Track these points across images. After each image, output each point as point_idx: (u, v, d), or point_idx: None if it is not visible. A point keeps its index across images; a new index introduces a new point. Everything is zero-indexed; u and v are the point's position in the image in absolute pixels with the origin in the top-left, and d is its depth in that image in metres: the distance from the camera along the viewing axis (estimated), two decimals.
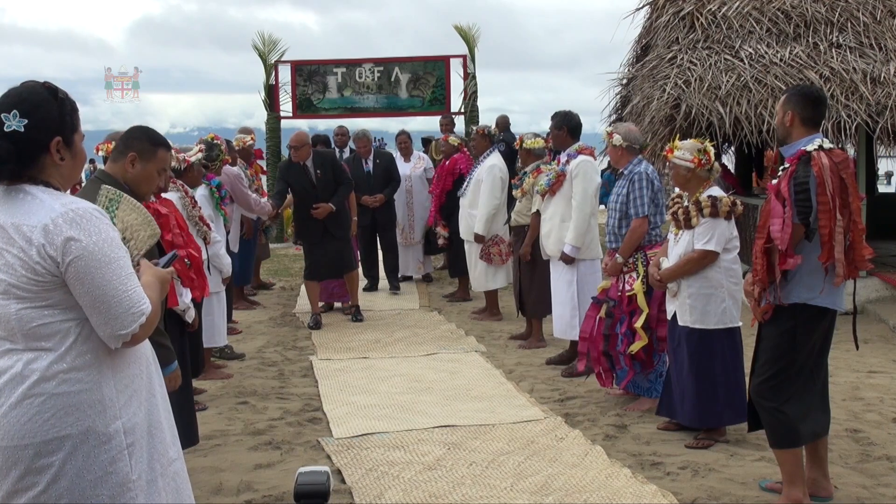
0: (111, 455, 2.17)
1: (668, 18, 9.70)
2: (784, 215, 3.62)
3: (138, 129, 3.43)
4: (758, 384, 3.88)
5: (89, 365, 2.16)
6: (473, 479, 4.28)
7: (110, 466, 2.17)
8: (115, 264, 2.14)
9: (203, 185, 6.12)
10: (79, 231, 2.10)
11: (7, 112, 2.13)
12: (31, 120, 2.14)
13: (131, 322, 2.14)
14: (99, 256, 2.11)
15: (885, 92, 8.18)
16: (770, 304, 3.77)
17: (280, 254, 12.57)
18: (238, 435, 5.00)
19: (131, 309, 2.14)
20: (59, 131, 2.19)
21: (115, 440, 2.18)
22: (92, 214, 2.15)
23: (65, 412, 2.13)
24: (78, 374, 2.15)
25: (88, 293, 2.11)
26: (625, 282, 5.41)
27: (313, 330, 7.88)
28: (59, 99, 2.21)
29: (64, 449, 2.13)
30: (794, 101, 3.81)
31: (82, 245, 2.10)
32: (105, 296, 2.12)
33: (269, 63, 14.20)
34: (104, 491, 2.16)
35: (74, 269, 2.10)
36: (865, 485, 4.14)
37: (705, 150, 4.66)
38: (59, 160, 2.20)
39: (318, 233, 7.96)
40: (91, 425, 2.15)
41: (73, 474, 2.13)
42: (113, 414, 2.18)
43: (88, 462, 2.15)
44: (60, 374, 2.13)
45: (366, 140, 9.48)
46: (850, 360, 6.44)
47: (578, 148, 6.33)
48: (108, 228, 2.17)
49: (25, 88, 2.21)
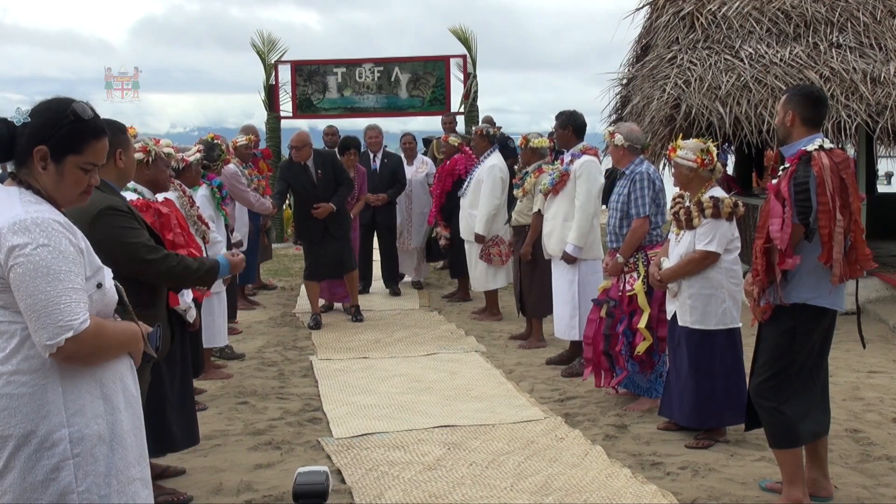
0: (53, 462, 2.18)
1: (668, 18, 9.70)
2: (784, 215, 3.62)
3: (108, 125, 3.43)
4: (757, 384, 3.88)
5: (35, 370, 2.18)
6: (473, 479, 4.28)
7: (52, 473, 2.17)
8: (55, 276, 2.14)
9: (205, 186, 6.12)
10: (26, 238, 2.14)
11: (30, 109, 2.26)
12: (32, 121, 2.24)
13: (57, 334, 2.12)
14: (40, 265, 2.13)
15: (885, 92, 8.18)
16: (769, 303, 3.78)
17: (280, 254, 12.57)
18: (238, 435, 5.00)
19: (59, 321, 2.13)
20: (49, 143, 2.24)
21: (60, 447, 2.18)
22: (49, 225, 2.17)
23: (8, 413, 2.16)
24: (23, 378, 2.17)
25: (23, 300, 2.14)
26: (625, 282, 5.41)
27: (313, 330, 7.88)
28: (73, 119, 2.26)
29: (6, 448, 2.16)
30: (794, 101, 3.81)
31: (25, 253, 2.13)
32: (37, 304, 2.12)
33: (268, 63, 14.20)
34: (45, 497, 2.17)
35: (14, 275, 2.14)
36: (865, 485, 4.14)
37: (708, 150, 4.66)
38: (41, 168, 2.24)
39: (318, 233, 7.96)
40: (33, 429, 2.17)
41: (16, 475, 2.16)
42: (59, 421, 2.19)
43: (29, 465, 2.16)
44: (5, 374, 2.17)
45: (377, 131, 9.49)
46: (850, 360, 6.44)
47: (583, 148, 6.33)
48: (63, 241, 2.18)
49: (55, 99, 2.31)
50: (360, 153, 9.03)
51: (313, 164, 7.96)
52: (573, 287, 6.28)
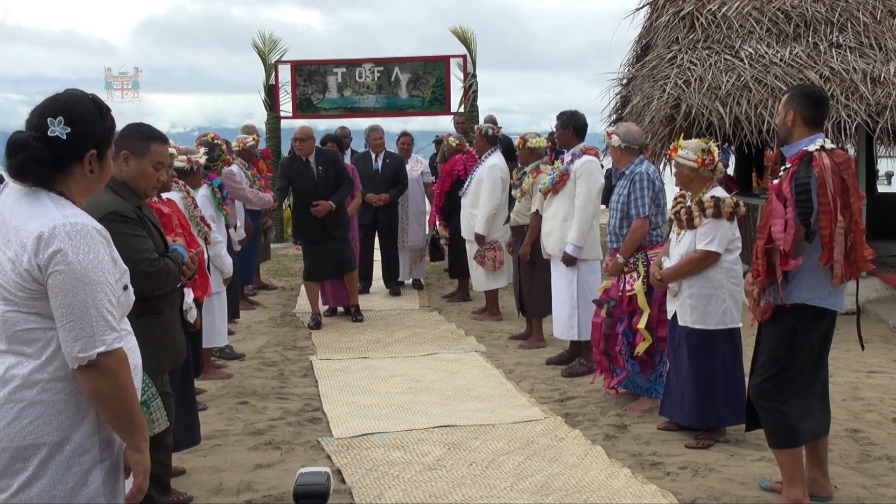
0: (85, 467, 2.18)
1: (668, 18, 9.70)
2: (786, 216, 3.62)
3: (129, 126, 3.43)
4: (757, 384, 3.88)
5: (71, 377, 2.15)
6: (473, 479, 4.28)
7: (82, 479, 2.17)
8: (95, 287, 2.11)
9: (205, 186, 6.12)
10: (68, 245, 2.09)
11: (53, 117, 2.16)
12: (74, 129, 2.17)
13: (90, 347, 2.09)
14: (80, 275, 2.09)
15: (885, 92, 8.18)
16: (770, 304, 3.77)
17: (280, 254, 12.58)
18: (238, 435, 5.00)
19: (94, 335, 2.10)
20: (96, 145, 2.23)
21: (92, 453, 2.19)
22: (89, 232, 2.14)
23: (43, 420, 2.13)
24: (59, 385, 2.15)
25: (60, 308, 2.10)
26: (625, 282, 5.41)
27: (313, 330, 7.88)
28: (104, 114, 2.26)
29: (38, 456, 2.13)
30: (796, 100, 3.80)
31: (67, 260, 2.09)
32: (73, 315, 2.09)
33: (269, 63, 14.21)
34: (75, 502, 2.16)
35: (53, 282, 2.09)
36: (865, 485, 4.14)
37: (709, 150, 4.66)
38: (89, 172, 2.23)
39: (317, 232, 7.94)
40: (68, 436, 2.16)
41: (46, 482, 2.14)
42: (91, 427, 2.19)
43: (60, 472, 2.15)
44: (42, 382, 2.14)
45: (379, 132, 9.47)
46: (850, 360, 6.44)
47: (583, 148, 6.33)
48: (101, 250, 2.15)
49: (72, 97, 2.25)
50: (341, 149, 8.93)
51: (315, 160, 7.94)
52: (572, 287, 6.28)
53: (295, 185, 8.06)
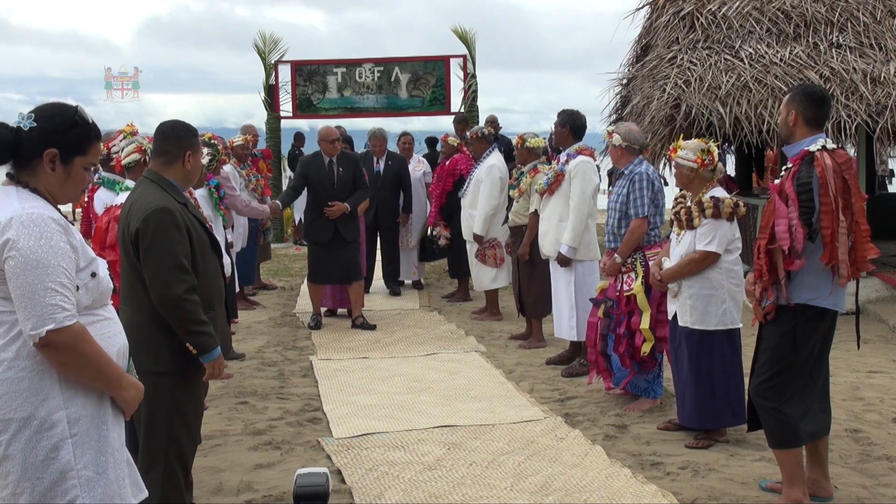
0: (53, 442, 2.32)
1: (668, 18, 9.70)
2: (790, 216, 3.61)
3: (179, 127, 3.51)
4: (757, 384, 3.88)
5: (34, 355, 2.31)
6: (473, 479, 4.28)
7: (52, 452, 2.31)
8: (44, 270, 2.26)
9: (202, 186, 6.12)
10: (20, 233, 2.26)
11: (28, 113, 2.37)
12: (39, 125, 2.36)
13: (40, 325, 2.24)
14: (31, 259, 2.25)
15: (885, 92, 8.18)
16: (773, 304, 3.77)
17: (280, 254, 12.58)
18: (238, 435, 5.00)
19: (44, 314, 2.25)
20: (57, 145, 2.38)
21: (58, 428, 2.32)
22: (43, 220, 2.29)
23: (9, 397, 2.30)
24: (22, 363, 2.30)
25: (14, 290, 2.27)
26: (623, 282, 5.41)
27: (313, 330, 7.87)
28: (80, 123, 2.42)
29: (9, 431, 2.30)
30: (797, 100, 3.80)
31: (18, 246, 2.25)
32: (24, 296, 2.25)
33: (269, 63, 14.20)
34: (46, 475, 2.31)
35: (7, 267, 2.27)
36: (865, 485, 4.14)
37: (709, 151, 4.66)
38: (50, 170, 2.39)
39: (328, 234, 7.76)
40: (33, 412, 2.31)
41: (19, 455, 2.30)
42: (56, 403, 2.33)
43: (30, 446, 2.30)
44: (6, 361, 2.30)
45: (381, 139, 9.40)
46: (850, 360, 6.44)
47: (578, 148, 6.32)
48: (56, 236, 2.30)
49: (56, 104, 2.46)
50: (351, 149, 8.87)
51: (337, 161, 7.82)
52: (570, 288, 6.28)
53: (312, 184, 7.84)
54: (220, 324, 3.54)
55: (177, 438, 3.36)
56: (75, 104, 2.47)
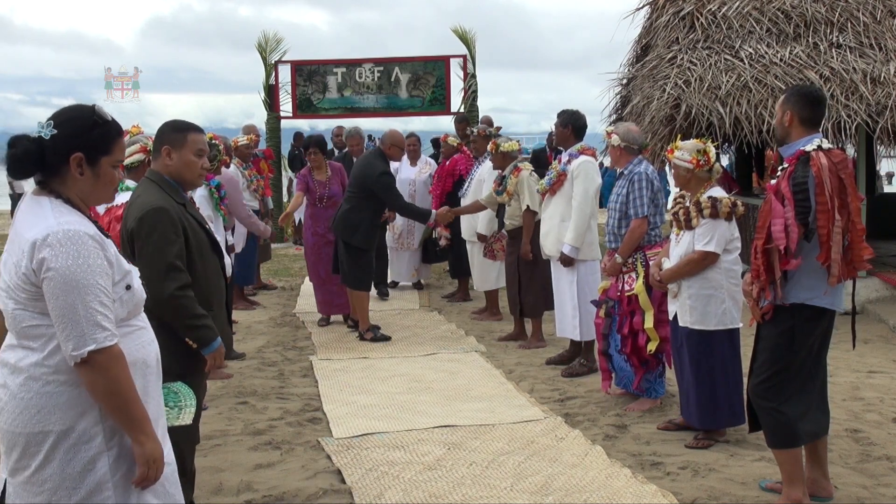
0: (90, 455, 2.33)
1: (668, 18, 9.70)
2: (786, 216, 3.62)
3: (164, 123, 3.56)
4: (756, 384, 3.88)
5: (71, 370, 2.30)
6: (473, 479, 4.28)
7: (89, 465, 2.33)
8: (83, 290, 2.25)
9: (203, 186, 6.11)
10: (55, 252, 2.24)
11: (47, 121, 2.35)
12: (60, 131, 2.33)
13: (82, 346, 2.24)
14: (67, 279, 2.24)
15: (885, 92, 8.18)
16: (770, 304, 3.77)
17: (280, 254, 12.58)
18: (238, 435, 5.01)
19: (86, 334, 2.25)
20: (83, 149, 2.36)
21: (96, 441, 2.33)
22: (80, 237, 2.27)
23: (48, 411, 2.30)
24: (61, 377, 2.31)
25: (53, 310, 2.26)
26: (624, 282, 5.41)
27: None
28: (100, 123, 2.39)
29: (47, 442, 2.31)
30: (793, 100, 3.81)
31: (55, 266, 2.24)
32: (65, 316, 2.25)
33: (269, 63, 14.21)
34: (82, 486, 2.32)
35: (46, 287, 2.26)
36: (865, 485, 4.14)
37: (705, 151, 4.66)
38: (79, 174, 2.37)
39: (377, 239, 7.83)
40: (72, 425, 2.31)
41: (56, 466, 2.31)
42: (94, 417, 2.33)
43: (68, 458, 2.31)
44: (45, 375, 2.31)
45: (358, 138, 9.37)
46: (850, 360, 6.44)
47: (580, 148, 6.33)
48: (92, 254, 2.28)
49: (74, 107, 2.43)
50: (324, 152, 8.74)
51: None
52: (572, 288, 6.28)
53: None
54: (221, 324, 3.54)
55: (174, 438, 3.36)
56: (92, 104, 2.44)
